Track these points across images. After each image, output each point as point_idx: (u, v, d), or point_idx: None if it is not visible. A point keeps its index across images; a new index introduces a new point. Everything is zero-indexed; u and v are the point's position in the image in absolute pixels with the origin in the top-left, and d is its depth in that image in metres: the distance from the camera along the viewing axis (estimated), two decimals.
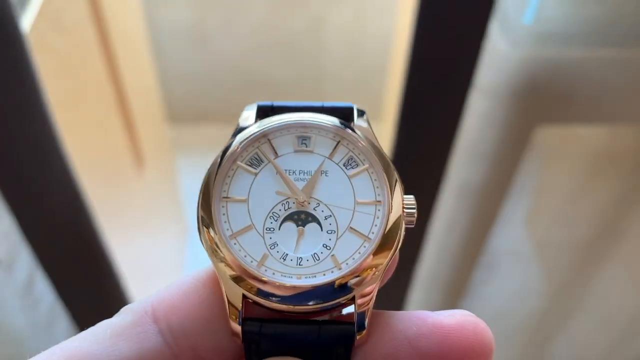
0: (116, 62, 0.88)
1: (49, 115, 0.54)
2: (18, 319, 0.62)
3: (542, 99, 0.60)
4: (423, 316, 0.22)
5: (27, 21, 0.59)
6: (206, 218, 0.24)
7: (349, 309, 0.23)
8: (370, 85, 1.60)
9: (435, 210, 0.69)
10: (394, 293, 0.77)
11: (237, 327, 0.22)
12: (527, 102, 0.60)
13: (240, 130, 0.25)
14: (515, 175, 0.68)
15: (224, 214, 0.24)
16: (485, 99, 0.61)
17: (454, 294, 0.82)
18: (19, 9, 0.58)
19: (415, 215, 0.24)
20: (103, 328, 0.22)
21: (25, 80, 0.51)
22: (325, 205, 0.24)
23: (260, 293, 0.23)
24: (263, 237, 0.23)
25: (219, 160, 0.25)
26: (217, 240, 0.23)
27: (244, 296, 0.23)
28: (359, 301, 0.23)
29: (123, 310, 0.23)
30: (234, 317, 0.22)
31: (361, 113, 0.26)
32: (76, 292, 0.68)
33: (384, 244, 0.23)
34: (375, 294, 0.23)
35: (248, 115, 0.26)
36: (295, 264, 0.23)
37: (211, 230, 0.23)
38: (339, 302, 0.23)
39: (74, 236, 0.63)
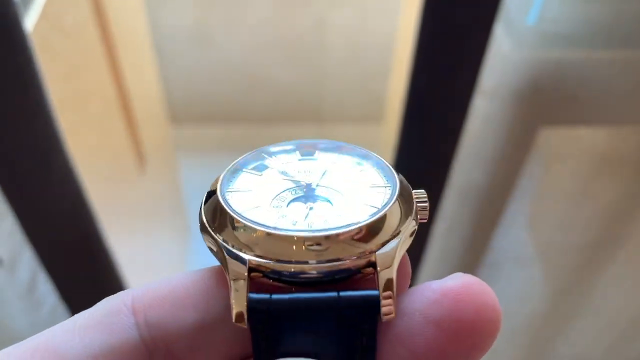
0: (118, 62, 0.88)
1: (52, 116, 0.54)
2: (20, 320, 0.62)
3: (546, 101, 0.60)
4: (427, 286, 0.20)
5: (29, 22, 0.59)
6: (210, 208, 0.22)
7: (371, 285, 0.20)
8: (373, 86, 1.60)
9: (438, 212, 0.69)
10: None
11: (242, 298, 0.19)
12: (530, 103, 0.60)
13: None
14: (518, 177, 0.67)
15: (229, 199, 0.22)
16: (487, 100, 0.61)
17: None
18: (22, 10, 0.58)
19: (428, 209, 0.22)
20: (75, 319, 0.20)
21: (28, 81, 0.51)
22: (335, 189, 0.22)
23: (271, 255, 0.20)
24: (271, 212, 0.21)
25: (223, 173, 0.23)
26: (224, 217, 0.21)
27: (249, 270, 0.20)
28: (380, 272, 0.20)
29: (102, 301, 0.21)
30: (238, 298, 0.19)
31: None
32: (78, 293, 0.68)
33: (396, 214, 0.21)
34: (396, 273, 0.20)
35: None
36: (307, 227, 0.20)
37: (217, 212, 0.21)
38: (356, 257, 0.20)
39: (76, 237, 0.63)
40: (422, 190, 0.23)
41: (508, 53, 0.58)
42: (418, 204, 0.22)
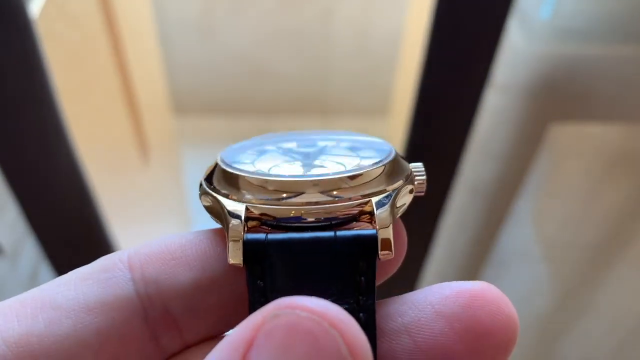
0: (123, 52, 0.87)
1: (57, 106, 0.54)
2: None
3: (558, 96, 0.59)
4: (443, 285, 0.20)
5: (35, 8, 0.58)
6: (209, 174, 0.22)
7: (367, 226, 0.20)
8: (379, 80, 1.59)
9: (446, 208, 0.68)
10: (402, 290, 0.77)
11: (239, 247, 0.19)
12: (542, 99, 0.59)
13: None
14: (528, 174, 0.67)
15: (229, 165, 0.22)
16: (499, 95, 0.60)
17: None
18: None
19: (425, 183, 0.22)
20: (70, 274, 0.20)
21: (33, 68, 0.51)
22: (332, 160, 0.22)
23: (269, 194, 0.20)
24: (270, 167, 0.21)
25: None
26: (221, 175, 0.21)
27: (247, 219, 0.20)
28: (377, 216, 0.20)
29: (98, 259, 0.21)
30: (233, 228, 0.19)
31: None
32: None
33: (395, 167, 0.21)
34: (393, 223, 0.20)
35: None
36: (305, 171, 0.21)
37: (216, 173, 0.22)
38: (352, 198, 0.20)
39: (79, 227, 0.63)
40: (420, 164, 0.22)
41: (521, 48, 0.57)
42: (415, 177, 0.22)
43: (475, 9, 0.52)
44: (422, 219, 0.68)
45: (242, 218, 0.20)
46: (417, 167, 0.22)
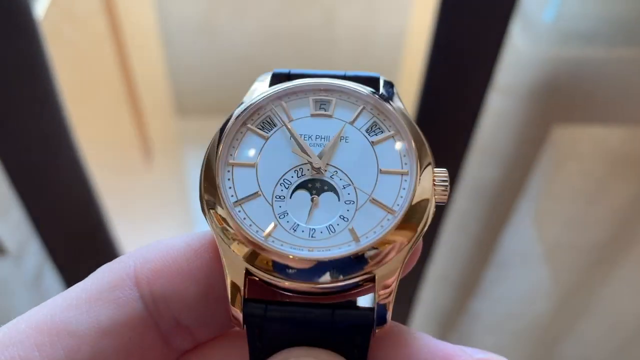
0: (127, 53, 0.87)
1: (61, 107, 0.54)
2: (25, 310, 0.62)
3: (561, 98, 0.59)
4: (451, 353, 0.19)
5: (39, 10, 0.58)
6: (209, 185, 0.21)
7: (367, 298, 0.20)
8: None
9: (448, 208, 0.68)
10: (403, 292, 0.77)
11: (238, 312, 0.20)
12: (545, 101, 0.59)
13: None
14: (530, 176, 0.67)
15: (229, 179, 0.21)
16: (502, 97, 0.60)
17: (463, 294, 0.81)
18: None
19: (447, 191, 0.21)
20: (77, 291, 0.20)
21: (38, 69, 0.51)
22: (344, 173, 0.21)
23: (266, 268, 0.20)
24: (272, 206, 0.21)
25: (226, 122, 0.22)
26: (220, 209, 0.20)
27: (247, 273, 0.20)
28: (379, 292, 0.19)
29: (100, 269, 0.21)
30: (234, 299, 0.20)
31: (388, 84, 0.23)
32: None
33: (409, 219, 0.20)
34: (397, 285, 0.20)
35: (261, 85, 0.23)
36: (307, 236, 0.20)
37: (215, 198, 0.21)
38: (355, 280, 0.19)
39: (83, 228, 0.63)
40: (444, 170, 0.22)
41: (524, 50, 0.57)
42: (436, 185, 0.21)
43: (478, 12, 0.52)
44: None
45: (242, 283, 0.20)
46: (441, 173, 0.21)
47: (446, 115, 0.59)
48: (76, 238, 0.63)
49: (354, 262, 0.19)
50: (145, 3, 1.07)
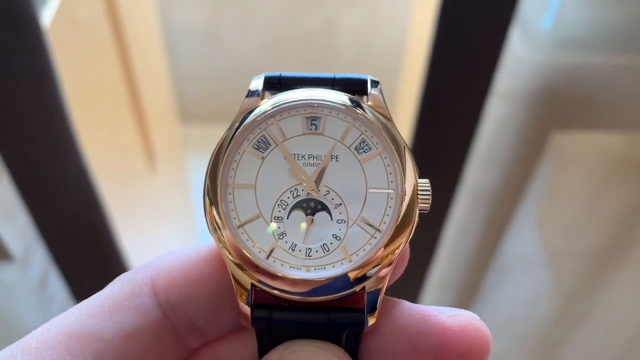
0: (130, 61, 0.88)
1: (67, 114, 0.54)
2: (32, 315, 0.62)
3: (560, 105, 0.60)
4: (427, 314, 0.22)
5: (46, 20, 0.59)
6: (214, 207, 0.23)
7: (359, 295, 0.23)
8: (382, 87, 1.59)
9: (449, 214, 0.68)
10: (405, 296, 0.77)
11: (247, 310, 0.22)
12: (544, 107, 0.60)
13: (249, 94, 0.24)
14: (530, 181, 0.67)
15: (230, 202, 0.23)
16: (501, 103, 0.61)
17: (465, 298, 0.81)
18: (40, 6, 0.59)
19: (430, 200, 0.23)
20: (100, 300, 0.22)
21: (44, 77, 0.51)
22: (336, 193, 0.23)
23: (269, 284, 0.22)
24: (271, 229, 0.23)
25: (226, 142, 0.23)
26: (225, 230, 0.23)
27: (252, 285, 0.22)
28: (369, 284, 0.22)
29: (119, 279, 0.23)
30: (242, 297, 0.22)
31: (375, 84, 0.25)
32: (89, 289, 0.68)
33: (396, 234, 0.22)
34: (388, 278, 0.23)
35: (256, 85, 0.25)
36: (304, 255, 0.23)
37: (219, 220, 0.23)
38: (348, 294, 0.22)
39: (88, 234, 0.64)
40: (426, 181, 0.23)
41: (523, 57, 0.58)
42: (419, 196, 0.23)
43: (477, 19, 0.52)
44: (426, 225, 0.69)
45: (248, 294, 0.22)
46: (423, 185, 0.23)
47: (447, 121, 0.60)
48: (80, 243, 0.64)
49: (347, 279, 0.22)
50: (148, 11, 1.08)
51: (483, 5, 0.51)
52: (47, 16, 0.59)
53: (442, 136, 0.60)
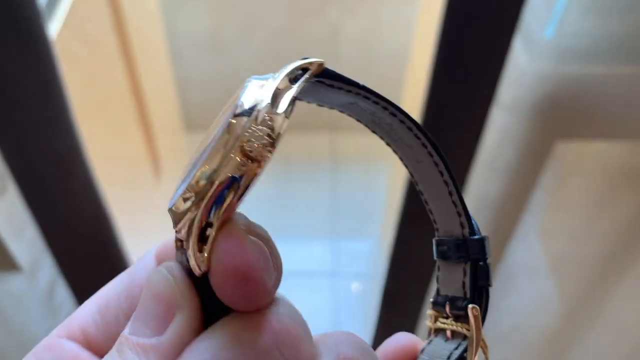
0: (136, 71, 0.89)
1: (74, 125, 0.55)
2: (39, 326, 0.63)
3: (563, 115, 0.60)
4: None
5: (53, 31, 0.60)
6: None
7: None
8: (386, 96, 1.60)
9: None
10: (410, 306, 0.77)
11: None
12: (547, 117, 0.60)
13: None
14: (533, 190, 0.67)
15: None
16: (504, 113, 0.61)
17: None
18: (46, 18, 0.59)
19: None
20: (119, 280, 0.23)
21: (52, 88, 0.52)
22: None
23: None
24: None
25: None
26: None
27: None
28: None
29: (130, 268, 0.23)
30: None
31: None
32: None
33: None
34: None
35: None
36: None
37: None
38: None
39: (95, 245, 0.64)
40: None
41: (526, 67, 0.58)
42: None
43: (481, 29, 0.53)
44: (429, 234, 0.69)
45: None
46: None
47: (450, 131, 0.60)
48: (87, 254, 0.64)
49: None
50: (154, 21, 1.08)
51: (486, 15, 0.52)
52: (54, 28, 0.60)
53: (446, 145, 0.61)
